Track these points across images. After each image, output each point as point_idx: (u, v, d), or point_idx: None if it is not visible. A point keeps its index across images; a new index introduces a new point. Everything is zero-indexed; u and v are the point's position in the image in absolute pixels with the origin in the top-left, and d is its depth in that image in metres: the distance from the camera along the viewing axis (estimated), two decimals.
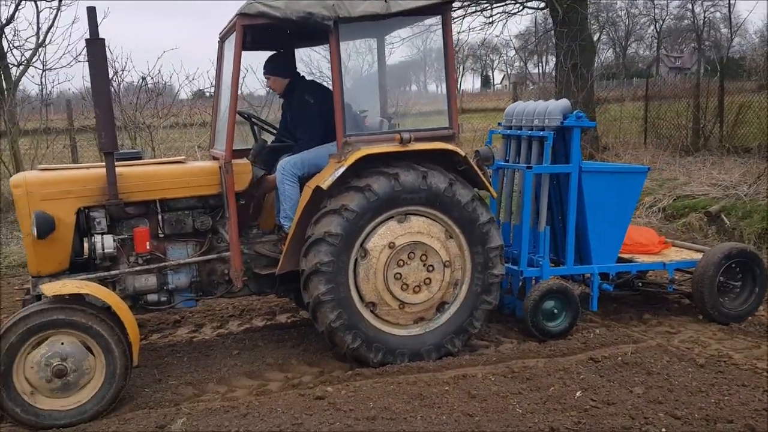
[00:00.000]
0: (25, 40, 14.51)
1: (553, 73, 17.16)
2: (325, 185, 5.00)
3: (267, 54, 5.96)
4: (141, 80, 13.16)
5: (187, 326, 6.54)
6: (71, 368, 4.47)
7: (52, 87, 17.18)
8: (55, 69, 15.24)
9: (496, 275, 5.41)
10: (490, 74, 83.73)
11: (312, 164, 5.47)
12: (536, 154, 6.19)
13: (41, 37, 14.14)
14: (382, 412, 4.33)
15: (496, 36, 75.53)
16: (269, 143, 5.89)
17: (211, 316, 6.79)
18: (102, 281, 5.12)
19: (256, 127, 5.84)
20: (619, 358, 5.13)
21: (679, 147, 15.15)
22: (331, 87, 5.31)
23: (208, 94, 15.17)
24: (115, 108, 12.85)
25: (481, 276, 5.38)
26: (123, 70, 14.08)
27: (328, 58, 5.24)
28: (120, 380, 4.58)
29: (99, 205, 5.18)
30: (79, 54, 13.90)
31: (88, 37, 4.86)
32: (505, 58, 75.16)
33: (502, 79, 76.82)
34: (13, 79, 14.05)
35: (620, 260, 6.44)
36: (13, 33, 14.40)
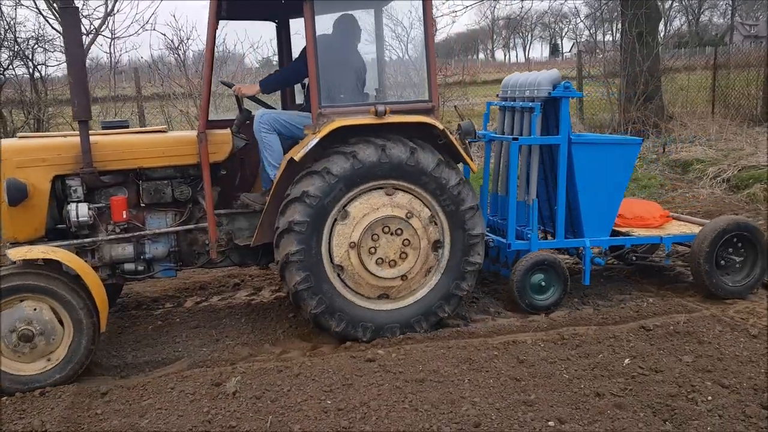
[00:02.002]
0: (94, 9, 14.80)
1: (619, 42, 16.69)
2: (297, 157, 4.93)
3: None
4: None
5: (246, 289, 6.76)
6: (37, 333, 4.55)
7: (120, 55, 17.57)
8: (123, 37, 15.56)
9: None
10: (559, 42, 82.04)
11: (287, 124, 5.43)
12: (528, 125, 6.07)
13: (110, 6, 14.43)
14: (430, 374, 4.43)
15: (562, 2, 73.71)
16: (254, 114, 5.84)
17: (270, 280, 7.00)
18: (80, 249, 5.17)
19: (240, 98, 5.77)
20: (671, 327, 5.09)
21: (748, 117, 14.65)
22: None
23: (274, 62, 15.38)
24: (181, 77, 13.24)
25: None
26: (188, 39, 14.31)
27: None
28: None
29: (74, 173, 5.17)
30: (146, 22, 14.01)
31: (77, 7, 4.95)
32: (573, 26, 73.50)
33: (572, 47, 74.99)
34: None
35: (617, 234, 6.32)
36: (82, 2, 14.76)
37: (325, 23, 5.54)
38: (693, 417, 3.82)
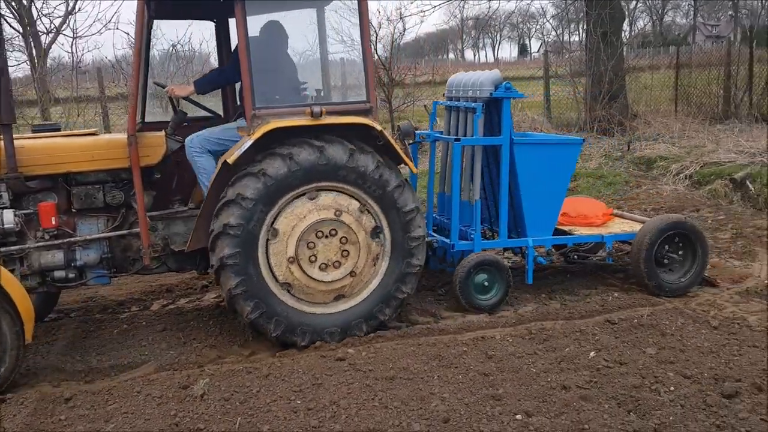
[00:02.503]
0: (55, 8, 14.60)
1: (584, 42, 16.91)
2: (231, 160, 4.82)
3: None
4: (171, 48, 13.26)
5: (214, 291, 6.72)
6: None
7: (82, 55, 17.29)
8: (85, 37, 15.31)
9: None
10: (527, 42, 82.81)
11: (219, 140, 5.31)
12: (471, 125, 6.06)
13: (70, 5, 14.12)
14: (400, 372, 4.46)
15: (529, 2, 74.43)
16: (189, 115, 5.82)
17: None
18: (7, 257, 5.00)
19: (175, 99, 5.69)
20: (635, 320, 5.18)
21: (709, 115, 14.94)
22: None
23: None
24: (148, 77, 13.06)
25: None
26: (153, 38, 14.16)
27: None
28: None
29: None
30: (109, 21, 13.87)
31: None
32: (540, 26, 74.25)
33: (540, 47, 75.79)
34: (43, 47, 14.11)
35: (560, 232, 6.38)
36: (42, 1, 14.51)
37: (261, 23, 5.53)
38: (656, 407, 3.90)
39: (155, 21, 6.00)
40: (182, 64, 13.40)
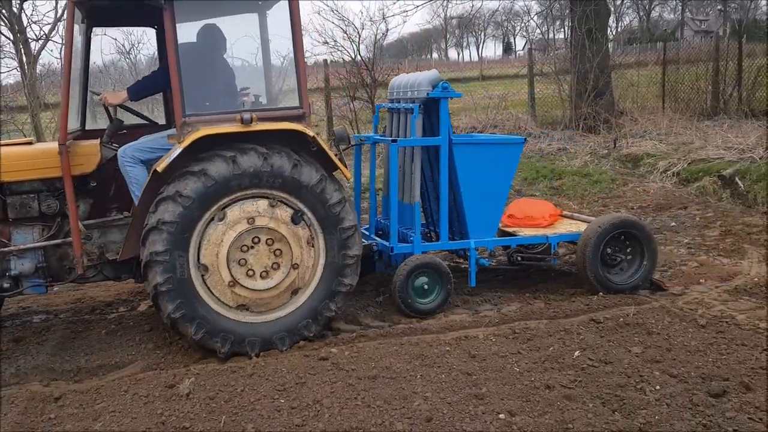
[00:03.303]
0: (44, 15, 14.61)
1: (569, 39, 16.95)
2: (160, 168, 4.76)
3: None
4: (155, 53, 13.23)
5: None
6: None
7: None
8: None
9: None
10: (512, 40, 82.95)
11: (152, 149, 5.21)
12: (410, 126, 5.99)
13: (59, 11, 14.21)
14: (383, 371, 4.47)
15: (512, 0, 74.55)
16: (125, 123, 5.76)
17: None
18: None
19: (110, 107, 5.61)
20: (621, 319, 5.20)
21: (698, 111, 14.99)
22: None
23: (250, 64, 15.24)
24: (134, 81, 13.06)
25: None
26: (139, 43, 14.20)
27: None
28: None
29: None
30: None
31: None
32: (525, 24, 74.38)
33: (524, 45, 76.00)
34: (33, 53, 14.18)
35: (505, 234, 6.37)
36: (32, 8, 14.55)
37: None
38: (641, 406, 3.91)
39: (95, 28, 5.99)
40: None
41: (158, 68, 5.54)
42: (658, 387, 4.13)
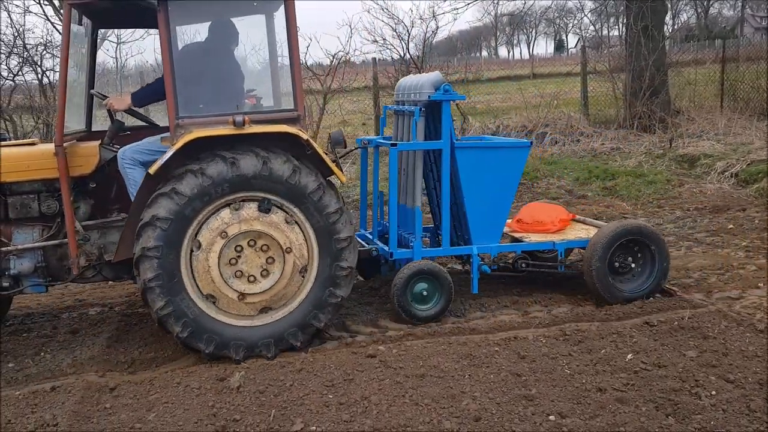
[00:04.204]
0: None
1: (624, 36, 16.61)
2: (152, 170, 4.75)
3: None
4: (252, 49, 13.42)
5: None
6: None
7: (126, 59, 17.75)
8: (128, 42, 15.65)
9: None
10: (564, 38, 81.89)
11: (151, 151, 5.18)
12: (415, 129, 5.84)
13: None
14: (431, 370, 4.46)
15: None
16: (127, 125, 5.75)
17: None
18: None
19: (131, 114, 5.61)
20: (675, 323, 5.08)
21: (758, 111, 14.57)
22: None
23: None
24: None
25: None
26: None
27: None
28: None
29: None
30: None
31: None
32: (578, 21, 73.27)
33: (577, 42, 74.84)
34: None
35: (513, 240, 6.19)
36: None
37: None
38: (696, 411, 3.83)
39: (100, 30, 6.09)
40: None
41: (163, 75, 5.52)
42: (713, 392, 4.03)
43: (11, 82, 12.64)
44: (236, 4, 5.49)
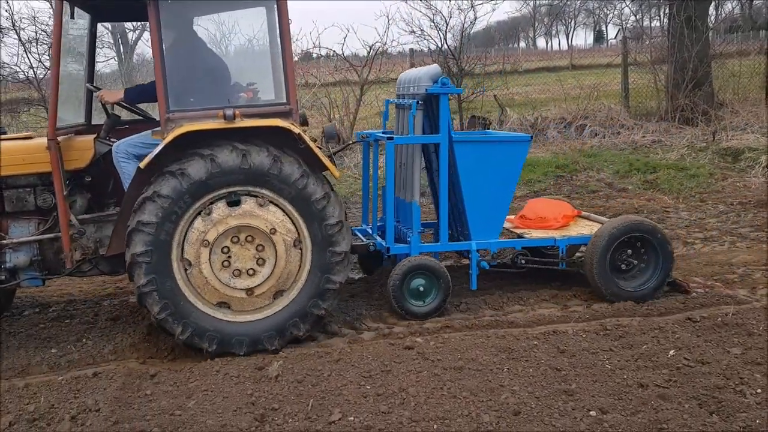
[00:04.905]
0: None
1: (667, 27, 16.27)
2: (143, 165, 4.73)
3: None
4: (247, 42, 13.49)
5: None
6: None
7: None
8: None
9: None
10: (604, 28, 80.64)
11: (145, 144, 5.12)
12: (412, 123, 5.77)
13: None
14: (469, 363, 4.43)
15: None
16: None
17: None
18: None
19: (124, 107, 5.60)
20: (719, 319, 4.98)
21: None
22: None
23: (315, 55, 15.44)
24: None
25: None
26: (230, 33, 14.46)
27: None
28: None
29: None
30: None
31: None
32: (618, 11, 72.00)
33: (617, 33, 73.54)
34: (129, 43, 14.75)
35: (515, 236, 6.06)
36: None
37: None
38: (741, 409, 3.74)
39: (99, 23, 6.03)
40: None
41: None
42: (759, 390, 3.94)
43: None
44: (227, 0, 5.43)
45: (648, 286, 5.67)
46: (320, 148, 5.13)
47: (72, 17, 5.29)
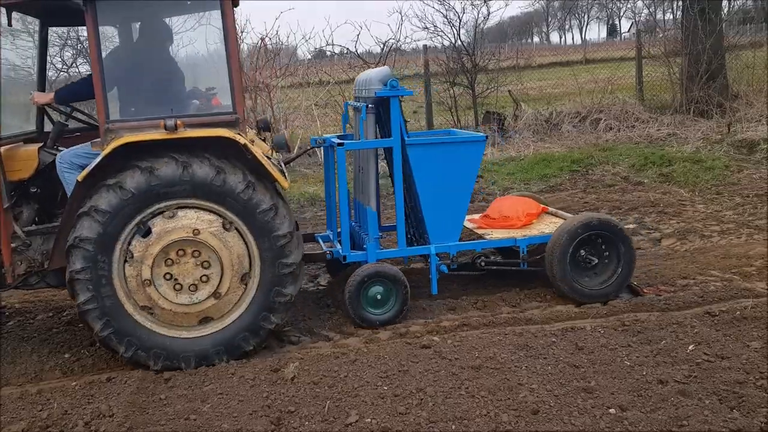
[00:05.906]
0: None
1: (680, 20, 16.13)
2: (80, 177, 4.55)
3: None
4: (260, 41, 13.53)
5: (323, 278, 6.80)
6: None
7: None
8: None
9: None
10: (617, 22, 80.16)
11: (87, 154, 4.90)
12: (362, 127, 5.67)
13: None
14: (486, 361, 4.41)
15: None
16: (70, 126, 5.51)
17: (320, 269, 7.03)
18: None
19: (58, 111, 5.39)
20: (738, 313, 4.93)
21: None
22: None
23: (328, 53, 15.46)
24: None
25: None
26: (242, 32, 14.49)
27: None
28: None
29: None
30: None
31: None
32: (631, 5, 71.55)
33: (630, 26, 73.08)
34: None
35: (477, 237, 5.94)
36: None
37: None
38: (762, 404, 3.70)
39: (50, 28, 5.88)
40: (271, 56, 13.62)
41: (89, 74, 5.02)
42: None
43: (65, 74, 12.89)
44: (168, 4, 5.31)
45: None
46: (269, 158, 4.94)
47: (9, 24, 5.12)
